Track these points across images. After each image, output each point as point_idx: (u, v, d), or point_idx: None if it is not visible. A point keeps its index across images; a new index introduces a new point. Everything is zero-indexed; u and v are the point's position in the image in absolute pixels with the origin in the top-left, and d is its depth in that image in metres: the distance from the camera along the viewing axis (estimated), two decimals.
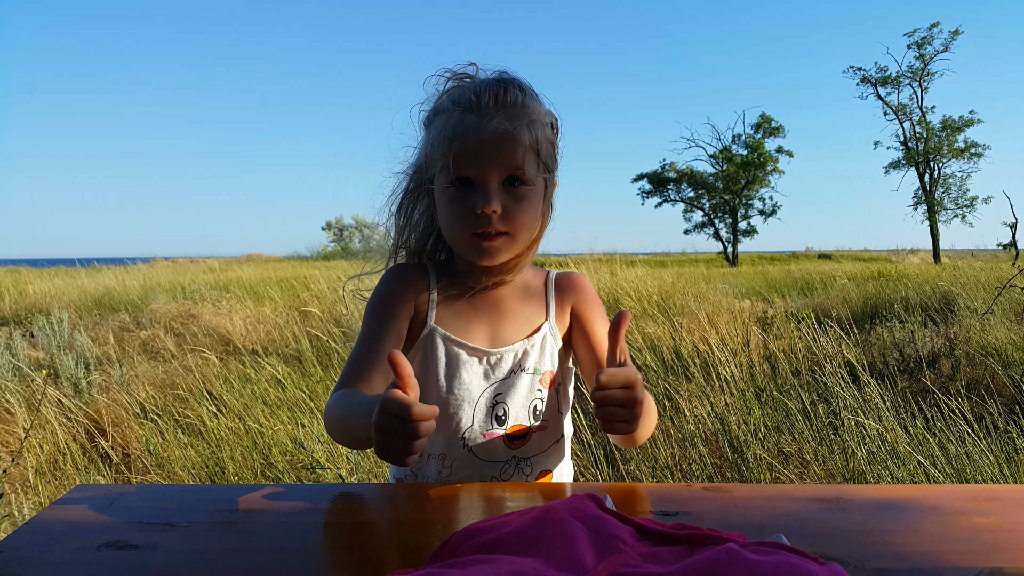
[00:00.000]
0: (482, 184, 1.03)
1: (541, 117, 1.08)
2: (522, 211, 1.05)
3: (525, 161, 1.04)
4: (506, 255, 1.08)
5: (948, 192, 34.05)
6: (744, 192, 37.73)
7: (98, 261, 18.93)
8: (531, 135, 1.04)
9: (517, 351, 1.13)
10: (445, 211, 1.07)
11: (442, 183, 1.05)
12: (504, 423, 1.12)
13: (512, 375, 1.12)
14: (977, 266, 10.65)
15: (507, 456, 1.14)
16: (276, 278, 12.29)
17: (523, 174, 1.04)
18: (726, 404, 3.58)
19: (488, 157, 1.01)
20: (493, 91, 1.04)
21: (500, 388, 1.12)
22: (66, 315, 7.28)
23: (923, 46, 32.95)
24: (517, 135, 1.02)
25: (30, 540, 0.79)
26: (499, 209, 1.02)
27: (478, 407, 1.11)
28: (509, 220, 1.04)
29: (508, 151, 1.02)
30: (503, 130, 1.01)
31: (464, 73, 1.12)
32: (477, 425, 1.11)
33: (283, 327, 7.19)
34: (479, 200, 1.02)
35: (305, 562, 0.75)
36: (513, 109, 1.04)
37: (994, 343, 5.01)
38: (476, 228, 1.04)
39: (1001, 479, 2.65)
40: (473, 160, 1.01)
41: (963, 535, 0.80)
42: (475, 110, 1.02)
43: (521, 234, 1.07)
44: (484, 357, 1.12)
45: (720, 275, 15.27)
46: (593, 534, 0.70)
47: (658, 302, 7.34)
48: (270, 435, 3.54)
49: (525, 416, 1.14)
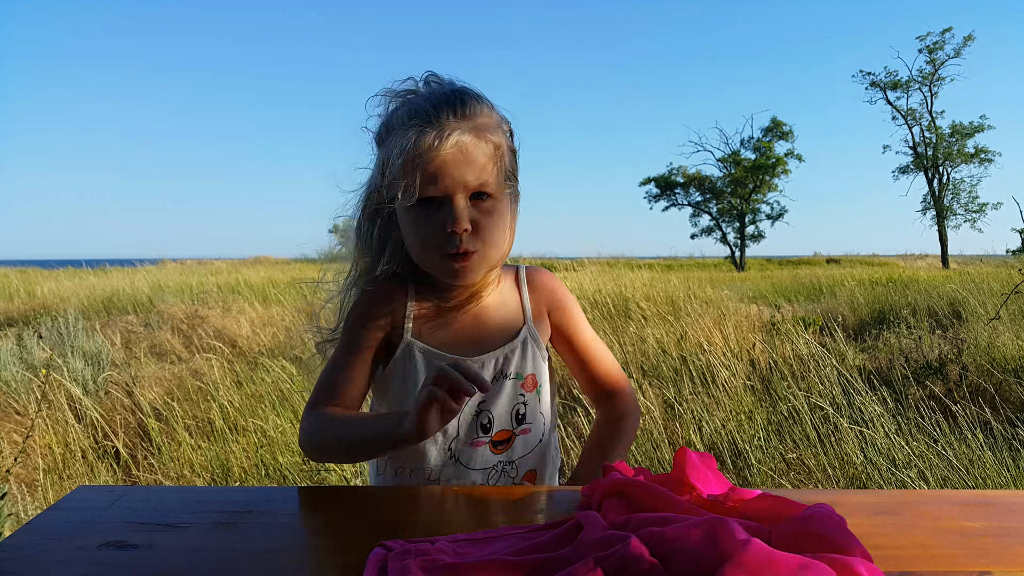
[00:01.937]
0: (448, 202, 1.00)
1: (500, 126, 1.06)
2: (491, 226, 1.03)
3: (489, 174, 1.01)
4: (479, 273, 1.06)
5: (957, 197, 33.88)
6: (752, 196, 37.64)
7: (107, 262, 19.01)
8: (491, 145, 1.02)
9: (498, 358, 1.11)
10: (412, 233, 1.04)
11: (405, 204, 1.01)
12: (489, 431, 1.12)
13: (494, 382, 1.11)
14: (986, 271, 10.59)
15: (493, 462, 1.13)
16: (284, 280, 12.31)
17: (489, 187, 1.02)
18: (729, 410, 3.58)
19: (452, 174, 0.98)
20: (450, 103, 1.01)
21: (483, 396, 1.10)
22: (75, 316, 7.33)
23: (935, 51, 32.82)
24: (477, 148, 1.00)
25: (31, 539, 0.80)
26: (469, 227, 1.00)
27: (462, 417, 1.10)
28: (479, 236, 1.02)
29: (472, 166, 0.99)
30: (464, 144, 0.99)
31: (407, 90, 1.08)
32: (463, 435, 1.11)
33: (291, 329, 7.21)
34: (448, 219, 0.99)
35: (305, 563, 0.76)
36: (472, 120, 1.01)
37: (1002, 349, 4.99)
38: (446, 249, 1.01)
39: (1005, 487, 2.64)
40: (437, 178, 0.98)
41: (955, 539, 0.80)
42: (433, 123, 0.98)
43: (492, 250, 1.05)
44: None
45: (727, 279, 15.24)
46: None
47: (665, 307, 7.33)
48: (276, 437, 3.56)
49: (508, 421, 1.13)
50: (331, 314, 1.21)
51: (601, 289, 7.72)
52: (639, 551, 0.66)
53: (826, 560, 0.63)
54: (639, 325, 6.10)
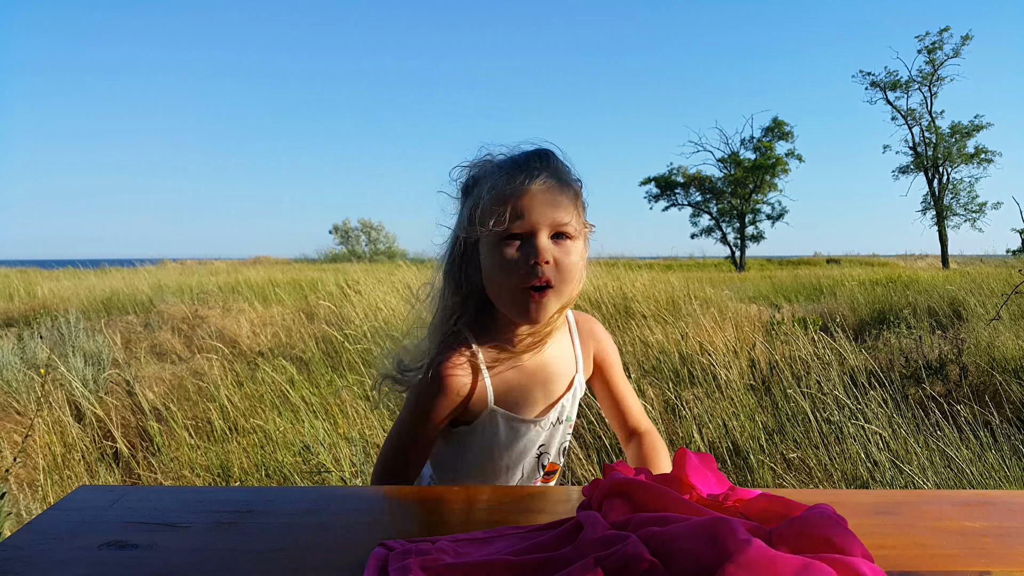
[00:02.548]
0: (533, 238, 1.07)
1: (577, 179, 1.17)
2: (571, 263, 1.10)
3: (571, 216, 1.10)
4: (551, 310, 1.11)
5: (957, 197, 33.88)
6: (752, 196, 37.64)
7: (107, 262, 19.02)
8: (573, 191, 1.12)
9: (559, 407, 1.22)
10: (495, 263, 1.10)
11: (492, 239, 1.09)
12: (544, 467, 1.24)
13: (552, 428, 1.23)
14: (986, 271, 10.58)
15: (539, 485, 1.26)
16: (284, 280, 12.32)
17: (569, 228, 1.09)
18: (729, 410, 3.58)
19: (539, 211, 1.07)
20: (537, 154, 1.12)
21: (544, 440, 1.22)
22: (75, 316, 7.33)
23: (933, 51, 32.81)
24: (562, 192, 1.10)
25: (32, 539, 0.80)
26: (551, 259, 1.07)
27: (527, 459, 1.22)
28: (558, 270, 1.08)
29: (555, 207, 1.08)
30: (551, 187, 1.08)
31: (482, 159, 1.17)
32: (526, 474, 1.23)
33: (291, 329, 7.21)
34: (532, 252, 1.06)
35: (305, 563, 0.76)
36: (556, 171, 1.11)
37: (1002, 349, 4.99)
38: (527, 281, 1.07)
39: (1005, 487, 2.64)
40: (524, 214, 1.06)
41: (955, 539, 0.80)
42: (523, 168, 1.09)
43: (567, 286, 1.11)
44: (538, 423, 1.20)
45: (727, 280, 15.24)
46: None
47: (665, 307, 7.33)
48: (277, 437, 3.56)
49: (557, 456, 1.26)
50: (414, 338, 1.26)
51: (601, 289, 7.72)
52: (639, 551, 0.66)
53: (827, 560, 0.63)
54: (639, 325, 6.10)
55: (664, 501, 0.81)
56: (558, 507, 0.92)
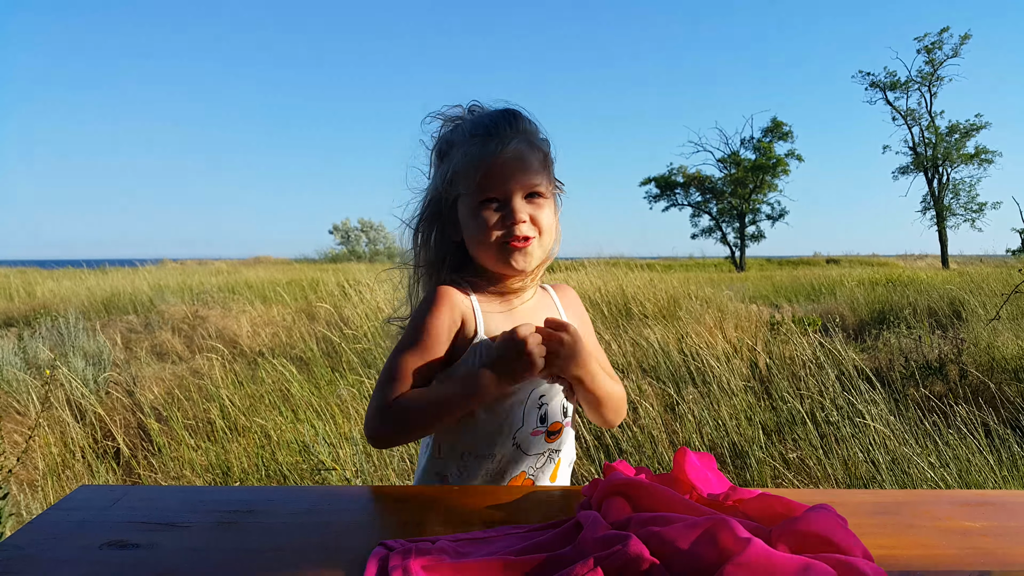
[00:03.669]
0: (508, 202, 1.15)
1: (545, 139, 1.24)
2: (545, 216, 1.19)
3: (541, 177, 1.18)
4: (536, 258, 1.20)
5: (957, 197, 33.87)
6: (752, 197, 37.63)
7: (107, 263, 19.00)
8: (542, 154, 1.20)
9: None
10: (475, 227, 1.17)
11: (470, 203, 1.16)
12: (546, 422, 1.24)
13: (551, 381, 1.23)
14: (986, 271, 10.59)
15: (544, 449, 1.25)
16: (284, 280, 12.32)
17: (541, 189, 1.18)
18: (729, 411, 3.58)
19: (513, 176, 1.15)
20: (507, 119, 1.19)
21: (543, 390, 1.23)
22: (75, 316, 7.33)
23: (932, 51, 32.81)
24: (532, 156, 1.17)
25: (34, 538, 0.81)
26: (527, 218, 1.16)
27: (528, 408, 1.22)
28: (535, 224, 1.17)
29: (527, 171, 1.16)
30: (522, 152, 1.16)
31: (456, 116, 1.25)
32: (527, 424, 1.22)
33: (291, 329, 7.21)
34: (508, 215, 1.15)
35: (305, 563, 0.76)
36: (525, 134, 1.19)
37: (1002, 349, 4.99)
38: (507, 237, 1.15)
39: (1003, 486, 2.64)
40: (499, 181, 1.14)
41: (955, 539, 0.81)
42: (494, 135, 1.16)
43: (546, 235, 1.20)
44: None
45: (727, 280, 15.24)
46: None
47: (666, 307, 7.33)
48: (277, 436, 3.56)
49: (559, 415, 1.26)
50: (399, 304, 1.35)
51: (601, 289, 7.72)
52: (639, 550, 0.66)
53: (828, 560, 0.63)
54: (639, 325, 6.10)
55: (664, 501, 0.82)
56: (558, 507, 0.92)
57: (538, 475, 1.25)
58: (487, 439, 1.21)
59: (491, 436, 1.21)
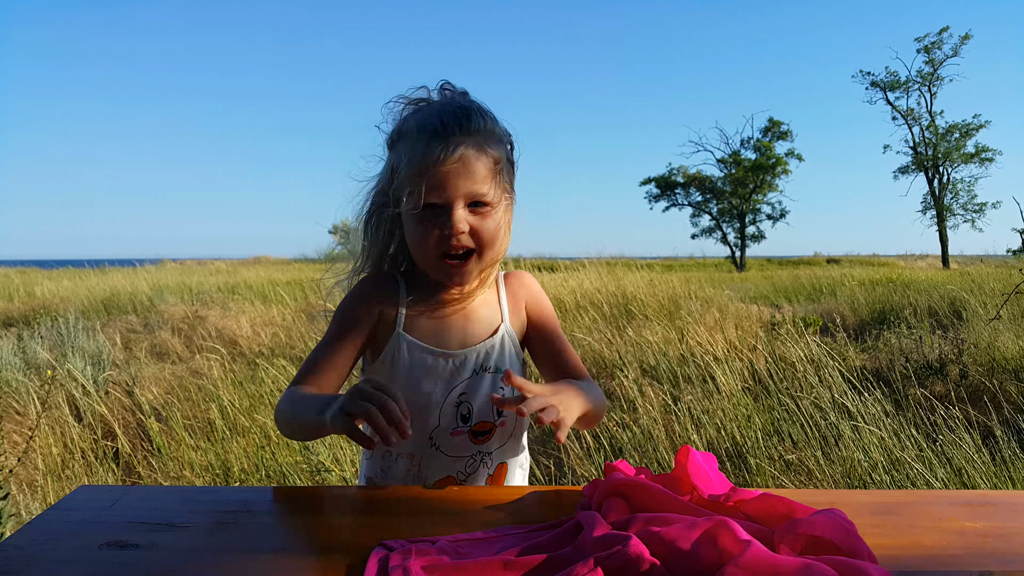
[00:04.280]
0: (448, 209, 1.09)
1: (501, 139, 1.16)
2: (486, 229, 1.12)
3: (488, 185, 1.11)
4: (474, 274, 1.16)
5: (957, 197, 33.85)
6: (752, 197, 37.63)
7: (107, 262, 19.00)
8: (492, 159, 1.12)
9: (479, 352, 1.20)
10: (414, 234, 1.13)
11: (410, 208, 1.10)
12: (469, 421, 1.19)
13: (475, 375, 1.19)
14: (986, 271, 10.58)
15: (471, 451, 1.20)
16: (284, 280, 12.32)
17: (485, 197, 1.11)
18: (729, 411, 3.58)
19: (454, 183, 1.08)
20: (457, 118, 1.10)
21: (464, 388, 1.18)
22: (75, 316, 7.33)
23: (932, 51, 32.80)
24: (479, 161, 1.10)
25: (33, 539, 0.81)
26: (466, 229, 1.09)
27: (444, 408, 1.17)
28: (475, 238, 1.11)
29: (472, 178, 1.09)
30: (467, 158, 1.08)
31: (420, 98, 1.18)
32: (444, 424, 1.17)
33: (291, 329, 7.21)
34: (446, 224, 1.08)
35: (306, 563, 0.76)
36: (476, 136, 1.11)
37: (1002, 349, 4.99)
38: (444, 249, 1.10)
39: (1003, 487, 2.64)
40: (440, 187, 1.08)
41: (956, 539, 0.81)
42: (440, 137, 1.08)
43: (487, 250, 1.13)
44: (448, 359, 1.18)
45: (727, 280, 15.24)
46: None
47: (666, 307, 7.33)
48: (276, 437, 3.56)
49: (489, 414, 1.20)
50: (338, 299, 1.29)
51: (602, 289, 7.72)
52: (639, 551, 0.66)
53: (832, 563, 0.63)
54: (639, 325, 6.10)
55: (663, 502, 0.82)
56: (558, 507, 0.92)
57: (470, 479, 1.20)
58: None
59: None
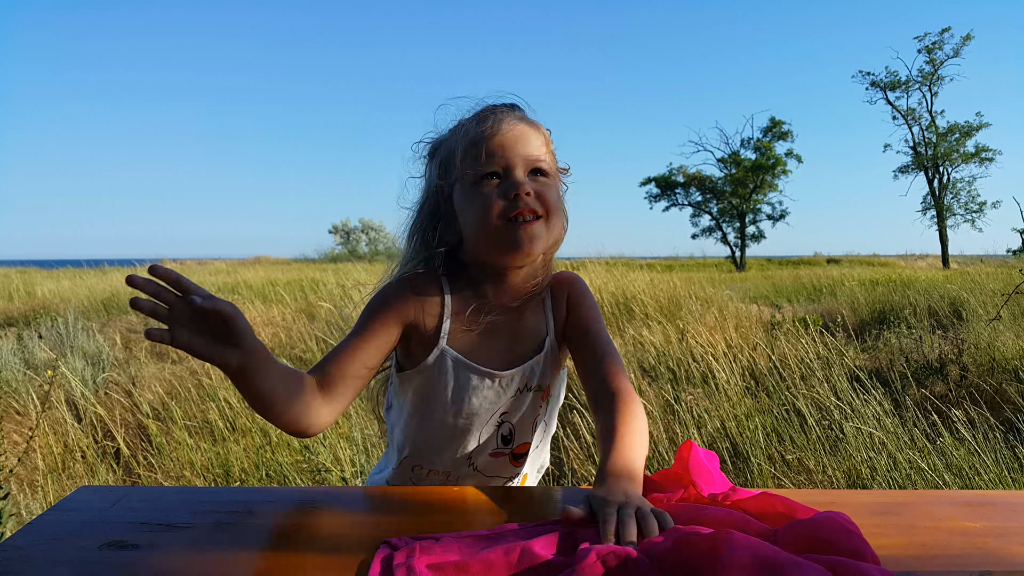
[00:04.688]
0: (510, 174, 1.04)
1: (547, 132, 1.13)
2: (551, 194, 1.06)
3: (546, 154, 1.07)
4: (542, 243, 1.04)
5: (957, 197, 33.84)
6: (752, 197, 37.61)
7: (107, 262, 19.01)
8: (544, 136, 1.10)
9: (525, 370, 1.11)
10: (476, 204, 1.04)
11: (468, 183, 1.05)
12: (510, 442, 1.13)
13: (519, 394, 1.11)
14: (986, 271, 10.57)
15: (511, 473, 1.15)
16: (284, 280, 12.31)
17: (545, 165, 1.06)
18: (726, 411, 3.58)
19: (514, 149, 1.04)
20: (505, 103, 1.10)
21: (507, 407, 1.11)
22: (74, 316, 7.33)
23: (933, 51, 32.78)
24: (533, 133, 1.07)
25: (33, 539, 0.80)
26: (531, 191, 1.03)
27: (485, 428, 1.11)
28: (541, 201, 1.04)
29: (529, 145, 1.05)
30: (523, 128, 1.06)
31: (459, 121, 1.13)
32: (484, 444, 1.11)
33: (291, 329, 7.21)
34: (511, 186, 1.02)
35: (305, 563, 0.76)
36: (524, 113, 1.10)
37: (1002, 350, 4.99)
38: (510, 212, 1.02)
39: (1003, 486, 2.64)
40: (499, 152, 1.03)
41: (956, 539, 0.80)
42: (493, 114, 1.07)
43: (553, 217, 1.06)
44: (496, 379, 1.09)
45: (727, 279, 15.24)
46: None
47: (666, 306, 7.33)
48: (276, 436, 3.56)
49: (528, 433, 1.14)
50: None
51: (602, 289, 7.71)
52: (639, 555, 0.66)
53: (832, 563, 0.63)
54: (640, 325, 6.10)
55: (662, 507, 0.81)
56: (563, 505, 0.92)
57: None
58: (436, 454, 1.12)
59: (442, 451, 1.11)
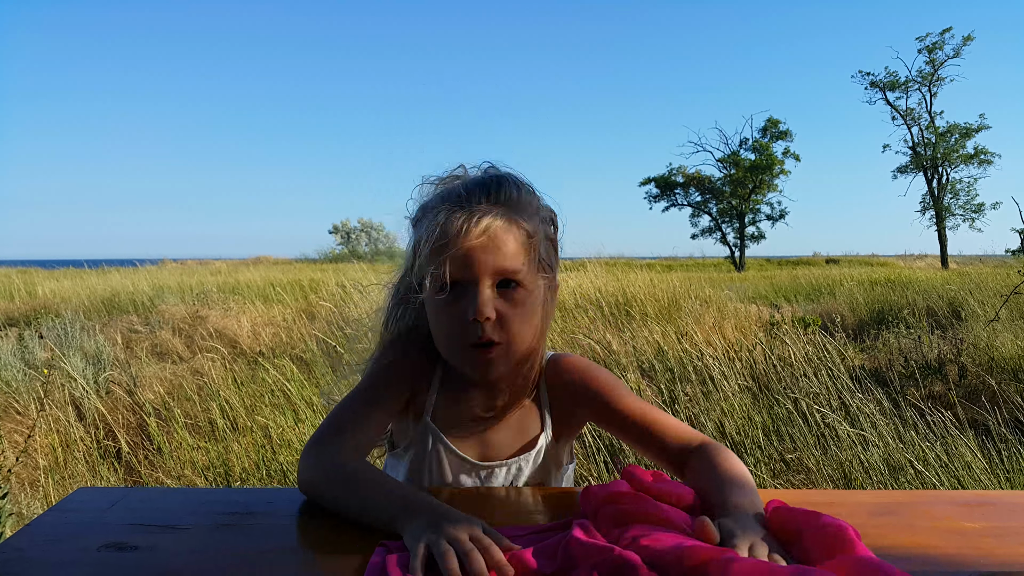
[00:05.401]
0: (473, 288, 0.93)
1: (539, 213, 1.01)
2: (518, 318, 0.95)
3: (520, 262, 0.95)
4: (503, 367, 0.98)
5: (956, 198, 33.87)
6: (752, 197, 37.62)
7: (107, 262, 19.03)
8: (524, 232, 0.96)
9: (511, 467, 1.05)
10: (435, 321, 0.98)
11: (431, 290, 0.95)
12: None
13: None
14: (985, 272, 10.58)
15: None
16: (285, 280, 12.31)
17: (518, 276, 0.95)
18: (724, 411, 3.58)
19: (479, 258, 0.92)
20: (484, 186, 0.97)
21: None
22: (75, 316, 7.33)
23: (934, 51, 32.79)
24: (509, 234, 0.94)
25: (32, 540, 0.80)
26: (492, 315, 0.93)
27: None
28: (504, 328, 0.94)
29: (500, 251, 0.93)
30: (494, 229, 0.93)
31: (453, 175, 1.04)
32: None
33: (291, 329, 7.21)
34: (469, 306, 0.92)
35: (307, 564, 0.76)
36: (506, 206, 0.96)
37: (1001, 350, 4.99)
38: (469, 339, 0.94)
39: (1002, 487, 2.64)
40: (463, 262, 0.92)
41: (954, 540, 0.80)
42: (464, 207, 0.94)
43: (518, 344, 0.97)
44: (474, 471, 1.04)
45: (727, 280, 15.24)
46: None
47: (665, 307, 7.33)
48: (277, 436, 3.56)
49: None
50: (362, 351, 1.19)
51: (601, 289, 7.71)
52: (635, 560, 0.66)
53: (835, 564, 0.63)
54: (639, 325, 6.10)
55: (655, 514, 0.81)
56: (559, 507, 0.92)
57: None
58: None
59: None
